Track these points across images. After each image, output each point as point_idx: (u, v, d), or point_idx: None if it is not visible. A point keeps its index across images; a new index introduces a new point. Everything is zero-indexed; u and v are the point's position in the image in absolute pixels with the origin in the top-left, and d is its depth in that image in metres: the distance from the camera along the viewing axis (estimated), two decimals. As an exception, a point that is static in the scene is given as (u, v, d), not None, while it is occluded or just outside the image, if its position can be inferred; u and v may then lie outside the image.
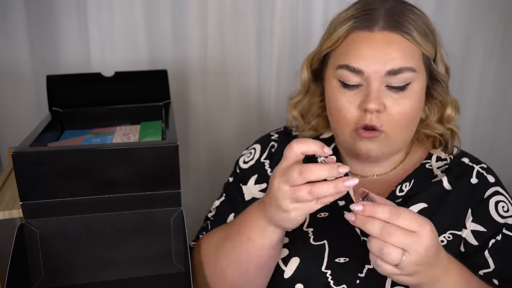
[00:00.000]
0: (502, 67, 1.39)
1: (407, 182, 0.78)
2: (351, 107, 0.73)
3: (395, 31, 0.71)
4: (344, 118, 0.74)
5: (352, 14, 0.74)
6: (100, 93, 0.94)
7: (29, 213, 0.69)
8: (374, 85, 0.71)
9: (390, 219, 0.56)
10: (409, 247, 0.56)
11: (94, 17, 1.13)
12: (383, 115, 0.72)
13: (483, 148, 1.47)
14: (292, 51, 1.26)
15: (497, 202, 0.76)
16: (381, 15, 0.72)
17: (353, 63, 0.71)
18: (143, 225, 0.73)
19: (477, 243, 0.74)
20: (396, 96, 0.72)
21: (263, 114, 1.32)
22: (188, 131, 1.29)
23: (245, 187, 0.87)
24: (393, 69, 0.70)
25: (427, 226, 0.57)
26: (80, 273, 0.73)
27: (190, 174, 1.32)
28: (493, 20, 1.34)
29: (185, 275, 0.73)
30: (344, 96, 0.73)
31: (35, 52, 1.14)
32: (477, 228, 0.74)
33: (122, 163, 0.69)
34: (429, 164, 0.81)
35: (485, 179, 0.78)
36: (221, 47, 1.23)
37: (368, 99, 0.70)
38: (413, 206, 0.76)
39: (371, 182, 0.82)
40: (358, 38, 0.72)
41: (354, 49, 0.72)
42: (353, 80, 0.72)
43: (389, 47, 0.70)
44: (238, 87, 1.28)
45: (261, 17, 1.22)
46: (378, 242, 0.56)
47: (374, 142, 0.73)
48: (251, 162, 0.89)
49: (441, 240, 0.73)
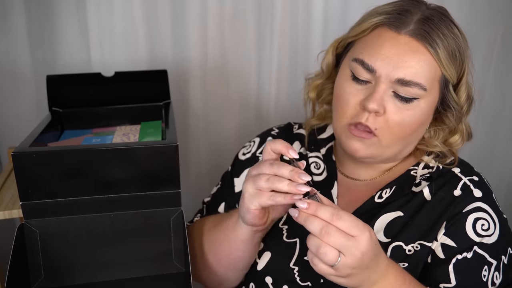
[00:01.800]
0: (502, 67, 1.39)
1: (388, 188, 0.77)
2: (353, 100, 0.72)
3: (421, 40, 0.69)
4: (343, 109, 0.74)
5: (387, 10, 0.72)
6: (100, 93, 0.94)
7: (29, 213, 0.69)
8: (381, 86, 0.70)
9: (331, 220, 0.57)
10: (346, 250, 0.57)
11: (94, 17, 1.13)
12: (381, 119, 0.71)
13: (483, 148, 1.47)
14: (292, 51, 1.26)
15: (476, 218, 0.72)
16: (414, 19, 0.70)
17: (368, 60, 0.70)
18: (143, 225, 0.73)
19: (444, 257, 0.71)
20: (400, 105, 0.71)
21: (263, 114, 1.32)
22: (188, 131, 1.29)
23: (237, 180, 0.89)
24: (404, 78, 0.69)
25: (366, 232, 0.58)
26: (80, 273, 0.73)
27: (190, 174, 1.32)
28: (493, 20, 1.34)
29: (185, 275, 0.73)
30: (350, 88, 0.73)
31: (35, 52, 1.14)
32: (446, 241, 0.72)
33: (122, 163, 0.69)
34: (414, 171, 0.79)
35: (470, 192, 0.74)
36: (221, 47, 1.23)
37: (370, 98, 0.70)
38: (388, 214, 0.75)
39: (357, 185, 0.82)
40: (383, 36, 0.71)
41: (375, 46, 0.70)
42: (364, 76, 0.71)
43: (409, 55, 0.69)
44: (238, 87, 1.28)
45: (261, 17, 1.22)
46: (316, 241, 0.58)
47: (363, 142, 0.73)
48: (248, 155, 0.91)
49: (408, 250, 0.72)
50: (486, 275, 0.70)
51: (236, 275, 0.81)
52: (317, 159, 0.85)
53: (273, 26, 1.22)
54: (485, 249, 0.71)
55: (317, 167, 0.84)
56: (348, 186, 0.82)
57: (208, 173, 1.33)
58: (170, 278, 0.75)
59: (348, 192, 0.81)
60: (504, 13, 1.33)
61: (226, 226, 0.76)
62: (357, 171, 0.82)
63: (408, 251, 0.72)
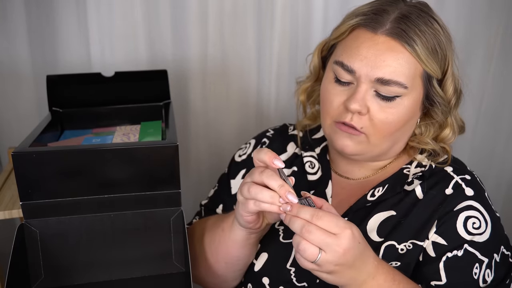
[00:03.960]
0: (502, 67, 1.39)
1: (380, 186, 0.77)
2: (336, 101, 0.74)
3: (398, 39, 0.69)
4: (328, 110, 0.75)
5: (364, 10, 0.73)
6: (100, 93, 0.94)
7: (29, 213, 0.69)
8: (362, 86, 0.71)
9: (311, 220, 0.59)
10: (327, 247, 0.59)
11: (94, 17, 1.13)
12: (365, 118, 0.72)
13: (483, 148, 1.47)
14: (292, 51, 1.26)
15: (467, 217, 0.72)
16: (390, 19, 0.70)
17: (347, 61, 0.71)
18: (143, 225, 0.73)
19: (434, 255, 0.72)
20: (383, 104, 0.71)
21: (263, 114, 1.32)
22: (188, 131, 1.29)
23: (233, 181, 0.91)
24: (383, 78, 0.69)
25: (347, 230, 0.59)
26: (80, 273, 0.73)
27: (190, 174, 1.32)
28: (493, 21, 1.34)
29: (185, 275, 0.73)
30: (334, 89, 0.74)
31: (35, 52, 1.14)
32: (437, 240, 0.72)
33: (122, 163, 0.69)
34: (407, 170, 0.79)
35: (462, 191, 0.74)
36: (221, 47, 1.23)
37: (352, 98, 0.71)
38: (381, 213, 0.75)
39: (351, 184, 0.82)
40: (360, 37, 0.72)
41: (353, 47, 0.72)
42: (345, 77, 0.73)
43: (387, 54, 0.69)
44: (238, 87, 1.28)
45: (261, 17, 1.22)
46: (297, 238, 0.60)
47: (352, 139, 0.74)
48: (243, 157, 0.92)
49: (400, 249, 0.73)
50: (477, 272, 0.70)
51: (235, 275, 0.82)
52: (311, 159, 0.86)
53: (273, 25, 1.22)
54: (476, 247, 0.71)
55: (311, 166, 0.85)
56: (342, 185, 0.83)
57: (208, 173, 1.33)
58: (170, 278, 0.75)
59: (342, 191, 0.82)
60: (504, 13, 1.33)
61: (223, 227, 0.77)
62: (351, 170, 0.83)
63: (401, 250, 0.73)
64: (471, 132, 1.45)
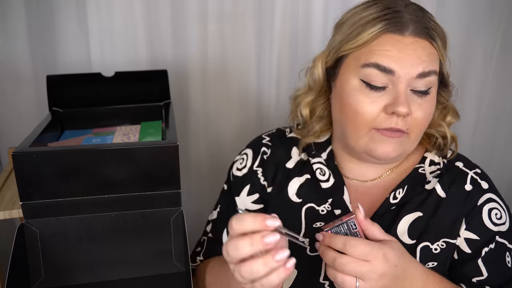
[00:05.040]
0: (502, 67, 1.39)
1: (400, 188, 0.77)
2: (375, 109, 0.70)
3: (425, 37, 0.70)
4: (365, 120, 0.71)
5: (378, 15, 0.71)
6: (100, 93, 0.94)
7: (29, 213, 0.69)
8: (402, 87, 0.69)
9: (344, 248, 0.60)
10: (362, 275, 0.60)
11: (94, 17, 1.13)
12: (409, 119, 0.71)
13: (483, 148, 1.47)
14: (292, 51, 1.26)
15: (490, 209, 0.75)
16: (408, 19, 0.71)
17: (384, 62, 0.69)
18: (143, 225, 0.73)
19: (470, 251, 0.74)
20: (420, 101, 0.71)
21: (263, 114, 1.32)
22: (188, 131, 1.29)
23: (239, 199, 0.86)
24: (423, 71, 0.69)
25: (379, 256, 0.60)
26: (80, 273, 0.73)
27: (190, 174, 1.32)
28: (494, 21, 1.34)
29: (185, 275, 0.73)
30: (367, 97, 0.71)
31: (35, 52, 1.14)
32: (470, 236, 0.74)
33: (122, 163, 0.69)
34: (422, 169, 0.79)
35: (479, 185, 0.77)
36: (221, 47, 1.23)
37: (397, 102, 0.69)
38: (408, 216, 0.75)
39: (367, 187, 0.81)
40: (389, 41, 0.70)
41: (385, 50, 0.70)
42: (381, 80, 0.70)
43: (419, 51, 0.69)
44: (238, 87, 1.28)
45: (261, 17, 1.22)
46: (332, 271, 0.62)
47: (394, 143, 0.72)
48: (244, 170, 0.87)
49: (434, 249, 0.74)
50: (509, 260, 0.74)
51: None
52: (320, 165, 0.82)
53: (273, 25, 1.23)
54: (503, 236, 0.75)
55: (322, 173, 0.81)
56: (358, 189, 0.81)
57: (208, 173, 1.33)
58: (170, 278, 0.75)
59: (359, 196, 0.80)
60: (504, 13, 1.33)
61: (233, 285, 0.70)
62: (362, 172, 0.81)
63: (435, 250, 0.74)
64: (471, 132, 1.45)
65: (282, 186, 0.83)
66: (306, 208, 0.80)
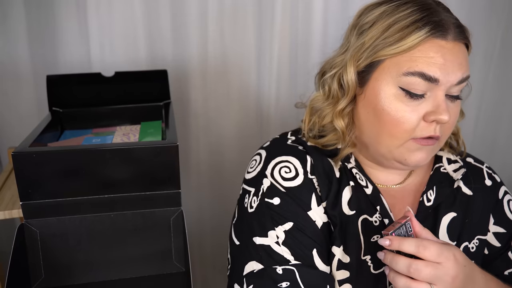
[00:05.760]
0: (502, 67, 1.39)
1: (430, 190, 0.76)
2: (415, 118, 0.67)
3: (462, 40, 0.69)
4: (405, 129, 0.68)
5: (418, 17, 0.67)
6: (100, 93, 0.94)
7: (29, 213, 0.69)
8: (442, 94, 0.67)
9: (417, 252, 0.59)
10: (436, 279, 0.59)
11: (94, 17, 1.13)
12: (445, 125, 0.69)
13: (483, 148, 1.47)
14: (293, 51, 1.26)
15: (509, 200, 0.79)
16: (449, 23, 0.68)
17: (428, 71, 0.66)
18: (143, 225, 0.73)
19: (500, 245, 0.76)
20: (452, 106, 0.69)
21: (263, 114, 1.32)
22: (188, 131, 1.29)
23: (312, 213, 0.72)
24: (463, 77, 0.67)
25: (451, 257, 0.59)
26: (80, 273, 0.73)
27: (190, 174, 1.32)
28: (493, 21, 1.34)
29: (185, 275, 0.73)
30: (407, 106, 0.67)
31: (35, 52, 1.14)
32: (498, 230, 0.77)
33: (122, 163, 0.69)
34: (443, 168, 0.79)
35: (495, 179, 0.80)
36: (221, 47, 1.23)
37: (439, 110, 0.66)
38: (446, 217, 0.75)
39: (397, 191, 0.78)
40: (434, 46, 0.66)
41: (429, 57, 0.66)
42: (421, 89, 0.67)
43: (460, 56, 0.68)
44: (239, 87, 1.28)
45: (261, 16, 1.22)
46: (402, 280, 0.59)
47: (427, 150, 0.70)
48: (298, 181, 0.72)
49: (471, 247, 0.75)
50: None
51: None
52: (358, 171, 0.76)
53: (273, 25, 1.22)
54: None
55: (361, 179, 0.75)
56: (390, 194, 0.77)
57: (208, 173, 1.33)
58: (170, 278, 0.75)
59: (395, 201, 0.76)
60: (504, 13, 1.33)
61: None
62: (385, 177, 0.78)
63: (472, 249, 0.75)
64: (471, 132, 1.45)
65: (337, 197, 0.73)
66: (362, 220, 0.72)
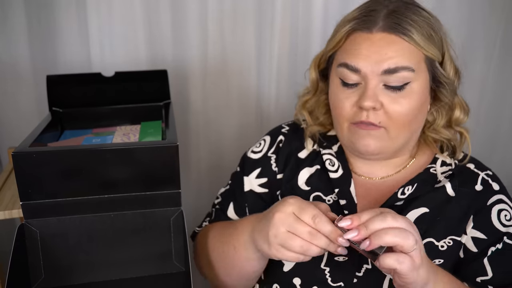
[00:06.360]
0: (502, 67, 1.39)
1: (410, 185, 0.78)
2: (348, 104, 0.75)
3: (394, 32, 0.71)
4: (341, 114, 0.76)
5: (354, 16, 0.75)
6: (100, 93, 0.94)
7: (29, 213, 0.69)
8: (371, 83, 0.72)
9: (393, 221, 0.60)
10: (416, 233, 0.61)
11: (94, 17, 1.13)
12: (380, 112, 0.73)
13: (483, 148, 1.47)
14: (292, 50, 1.26)
15: (500, 210, 0.75)
16: (381, 16, 0.73)
17: (351, 62, 0.73)
18: (143, 225, 0.73)
19: (477, 250, 0.74)
20: (394, 95, 0.72)
21: (263, 114, 1.32)
22: (188, 131, 1.29)
23: (246, 178, 0.89)
24: (389, 68, 0.71)
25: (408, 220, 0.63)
26: (80, 273, 0.73)
27: (190, 174, 1.32)
28: (493, 21, 1.34)
29: (185, 275, 0.73)
30: (342, 94, 0.75)
31: (35, 52, 1.14)
32: (477, 235, 0.74)
33: (122, 163, 0.69)
34: (433, 169, 0.80)
35: (490, 186, 0.78)
36: (221, 47, 1.23)
37: (363, 96, 0.72)
38: (415, 210, 0.76)
39: (375, 184, 0.82)
40: (358, 39, 0.73)
41: (353, 49, 0.73)
42: (352, 78, 0.74)
43: (387, 47, 0.71)
44: (238, 87, 1.28)
45: (261, 16, 1.22)
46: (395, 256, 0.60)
47: (372, 137, 0.74)
48: (259, 154, 0.90)
49: (441, 245, 0.74)
50: None
51: (248, 284, 0.82)
52: (330, 156, 0.84)
53: (273, 25, 1.22)
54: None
55: (331, 163, 0.84)
56: (365, 186, 0.82)
57: (208, 173, 1.33)
58: (170, 278, 0.75)
59: (368, 192, 0.81)
60: (504, 13, 1.33)
61: (234, 245, 0.76)
62: (371, 169, 0.82)
63: (441, 247, 0.74)
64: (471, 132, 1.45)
65: (293, 174, 0.85)
66: (313, 197, 0.82)
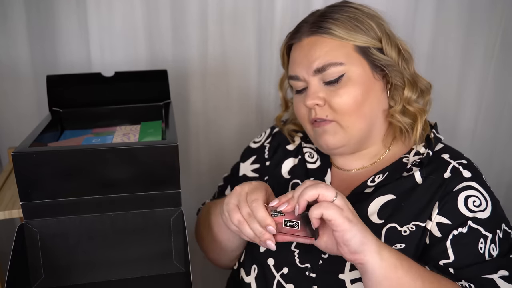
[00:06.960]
0: (502, 68, 1.39)
1: (381, 174, 0.80)
2: (301, 107, 0.83)
3: (317, 34, 0.79)
4: (300, 117, 0.85)
5: (290, 32, 0.85)
6: (100, 93, 0.94)
7: (29, 213, 0.69)
8: (312, 84, 0.80)
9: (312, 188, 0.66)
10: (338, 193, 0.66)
11: (94, 17, 1.13)
12: (325, 107, 0.79)
13: (483, 148, 1.47)
14: (292, 51, 1.26)
15: (467, 196, 0.75)
16: (308, 24, 0.81)
17: (292, 72, 0.83)
18: (143, 225, 0.73)
19: (441, 235, 0.74)
20: (333, 89, 0.79)
21: (263, 114, 1.32)
22: (188, 131, 1.29)
23: (243, 165, 0.99)
24: (318, 67, 0.78)
25: None
26: (80, 273, 0.73)
27: (190, 174, 1.32)
28: (493, 21, 1.34)
29: (185, 275, 0.73)
30: (297, 99, 0.85)
31: (35, 52, 1.14)
32: (441, 220, 0.74)
33: (122, 163, 0.69)
34: (406, 158, 0.82)
35: (460, 173, 0.77)
36: (221, 47, 1.23)
37: (305, 97, 0.80)
38: (382, 197, 0.78)
39: (350, 175, 0.86)
40: (293, 51, 0.84)
41: (292, 61, 0.84)
42: (299, 85, 0.83)
43: (313, 49, 0.79)
44: (238, 87, 1.28)
45: (261, 16, 1.22)
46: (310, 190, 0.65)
47: (328, 132, 0.80)
48: (257, 144, 1.00)
49: (403, 231, 0.75)
50: (482, 247, 0.72)
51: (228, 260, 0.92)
52: (311, 150, 0.92)
53: (273, 25, 1.23)
54: (479, 223, 0.73)
55: (311, 156, 0.91)
56: (341, 177, 0.87)
57: (208, 172, 1.33)
58: (170, 278, 0.75)
59: (342, 183, 0.86)
60: (504, 13, 1.33)
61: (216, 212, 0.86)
62: (348, 162, 0.87)
63: (404, 232, 0.75)
64: (471, 132, 1.45)
65: (278, 162, 0.94)
66: (292, 183, 0.90)
